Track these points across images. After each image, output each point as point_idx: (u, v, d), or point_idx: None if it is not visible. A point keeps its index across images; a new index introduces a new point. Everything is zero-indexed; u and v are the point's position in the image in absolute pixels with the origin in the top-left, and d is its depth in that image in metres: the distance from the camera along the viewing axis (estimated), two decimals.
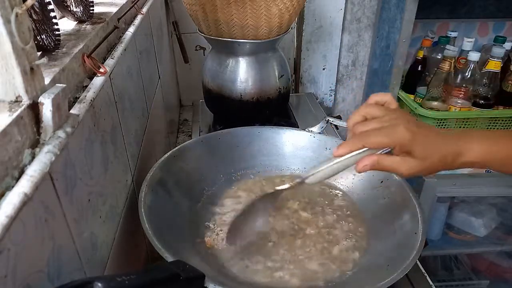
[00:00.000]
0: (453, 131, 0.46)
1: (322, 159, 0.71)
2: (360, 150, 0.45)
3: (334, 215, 0.63)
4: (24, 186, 0.26)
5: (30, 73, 0.30)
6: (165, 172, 0.61)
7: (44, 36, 0.41)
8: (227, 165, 0.71)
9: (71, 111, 0.37)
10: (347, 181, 0.69)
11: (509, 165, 0.45)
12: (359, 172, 0.46)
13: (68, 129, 0.33)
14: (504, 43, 1.16)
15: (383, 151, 0.46)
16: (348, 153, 0.46)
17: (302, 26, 1.26)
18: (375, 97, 0.49)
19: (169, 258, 0.43)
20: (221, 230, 0.59)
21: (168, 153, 0.64)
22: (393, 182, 0.62)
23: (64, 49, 0.43)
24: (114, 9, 0.63)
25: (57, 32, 0.43)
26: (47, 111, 0.31)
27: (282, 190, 0.54)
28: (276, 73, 0.91)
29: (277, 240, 0.57)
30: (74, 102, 0.39)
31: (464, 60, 1.15)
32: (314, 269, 0.53)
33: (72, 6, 0.53)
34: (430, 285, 0.61)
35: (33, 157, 0.29)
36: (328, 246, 0.57)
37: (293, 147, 0.74)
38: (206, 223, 0.61)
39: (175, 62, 1.28)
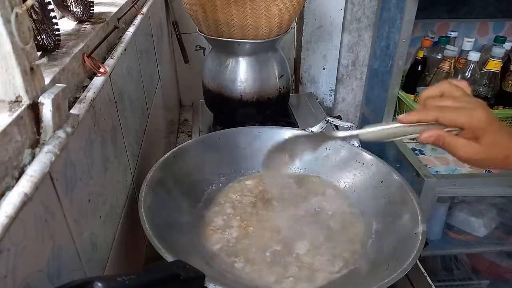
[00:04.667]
0: None
1: (322, 158, 0.72)
2: (429, 123, 0.44)
3: (334, 215, 0.63)
4: (24, 186, 0.26)
5: (30, 73, 0.30)
6: (165, 172, 0.60)
7: (44, 36, 0.41)
8: (227, 165, 0.71)
9: (71, 111, 0.37)
10: (347, 181, 0.69)
11: None
12: (422, 142, 0.45)
13: (68, 129, 0.33)
14: (504, 43, 1.16)
15: (450, 130, 0.45)
16: (416, 122, 0.45)
17: (302, 26, 1.26)
18: (452, 82, 0.48)
19: (169, 258, 0.43)
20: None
21: (168, 153, 0.64)
22: (393, 182, 0.62)
23: (64, 49, 0.43)
24: (114, 9, 0.63)
25: (57, 32, 0.43)
26: (47, 111, 0.31)
27: (329, 136, 0.54)
28: (276, 73, 0.91)
29: (274, 241, 0.57)
30: (74, 102, 0.39)
31: (464, 60, 1.15)
32: (314, 268, 0.53)
33: (72, 6, 0.53)
34: (430, 285, 0.61)
35: (33, 157, 0.29)
36: (327, 246, 0.57)
37: None
38: (206, 223, 0.61)
39: (175, 62, 1.28)
